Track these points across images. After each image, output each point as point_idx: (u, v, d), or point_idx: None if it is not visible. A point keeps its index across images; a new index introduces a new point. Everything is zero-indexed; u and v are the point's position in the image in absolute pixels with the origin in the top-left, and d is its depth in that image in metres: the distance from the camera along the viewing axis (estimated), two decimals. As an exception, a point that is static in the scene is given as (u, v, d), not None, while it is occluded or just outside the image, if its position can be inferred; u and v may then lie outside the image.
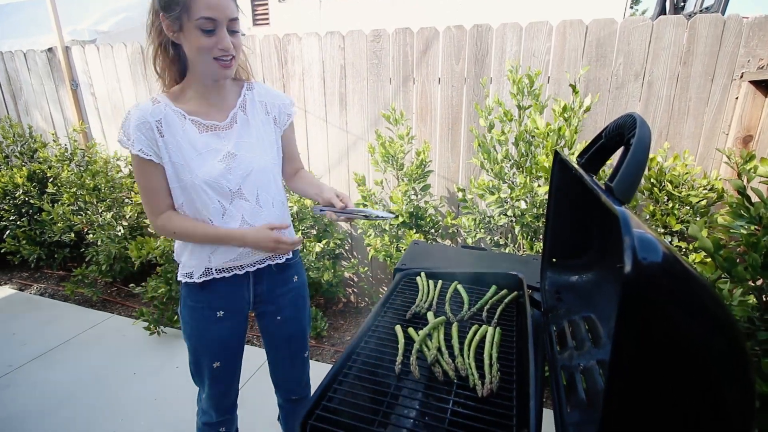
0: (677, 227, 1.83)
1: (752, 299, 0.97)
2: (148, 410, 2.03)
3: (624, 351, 0.38)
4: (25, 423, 1.94)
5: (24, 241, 3.30)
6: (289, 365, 1.42)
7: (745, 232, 1.00)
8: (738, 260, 0.95)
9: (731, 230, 1.04)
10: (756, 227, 1.00)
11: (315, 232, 2.76)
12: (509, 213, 2.04)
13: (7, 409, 2.02)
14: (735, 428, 0.41)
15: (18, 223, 3.33)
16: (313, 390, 1.51)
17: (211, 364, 1.25)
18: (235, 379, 1.34)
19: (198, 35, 0.98)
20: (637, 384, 0.40)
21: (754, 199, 1.03)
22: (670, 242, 1.90)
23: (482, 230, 2.22)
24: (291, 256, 1.30)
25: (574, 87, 1.86)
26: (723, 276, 0.98)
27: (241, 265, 1.20)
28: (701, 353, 0.39)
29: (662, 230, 1.90)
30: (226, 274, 1.19)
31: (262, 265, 1.23)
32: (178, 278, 1.21)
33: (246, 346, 1.39)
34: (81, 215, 3.08)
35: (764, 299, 0.97)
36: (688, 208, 1.85)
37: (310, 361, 1.50)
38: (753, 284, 0.95)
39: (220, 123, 1.12)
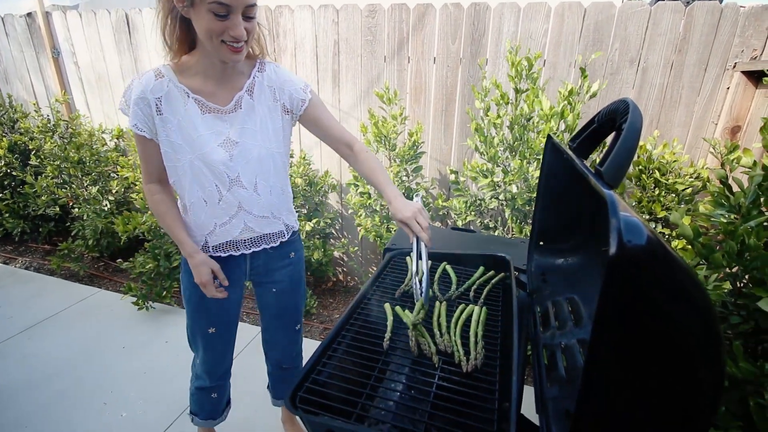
0: (662, 214, 1.87)
1: (727, 285, 1.01)
2: (138, 383, 2.04)
3: (604, 329, 0.40)
4: (15, 395, 1.95)
5: (7, 214, 3.23)
6: (282, 336, 1.45)
7: (724, 220, 1.03)
8: (717, 247, 0.98)
9: (711, 218, 1.07)
10: (735, 216, 1.03)
11: (305, 211, 2.75)
12: (501, 197, 2.06)
13: (-5, 381, 2.03)
14: (704, 404, 0.43)
15: (0, 195, 3.25)
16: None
17: (206, 329, 1.28)
18: (229, 346, 1.38)
19: (209, 18, 0.91)
20: (615, 360, 0.41)
21: (736, 188, 1.05)
22: (654, 228, 1.94)
23: (473, 213, 2.23)
24: (290, 235, 1.29)
25: (583, 70, 1.85)
26: (701, 262, 1.01)
27: (236, 247, 1.21)
28: (678, 333, 0.40)
29: (647, 217, 1.94)
30: (222, 254, 1.20)
31: (258, 248, 1.24)
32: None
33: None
34: (66, 189, 3.01)
35: (738, 285, 1.01)
36: (674, 195, 1.88)
37: (300, 337, 1.53)
38: (729, 271, 0.98)
39: (224, 107, 1.08)
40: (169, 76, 1.03)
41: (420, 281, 0.93)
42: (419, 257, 0.95)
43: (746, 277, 0.98)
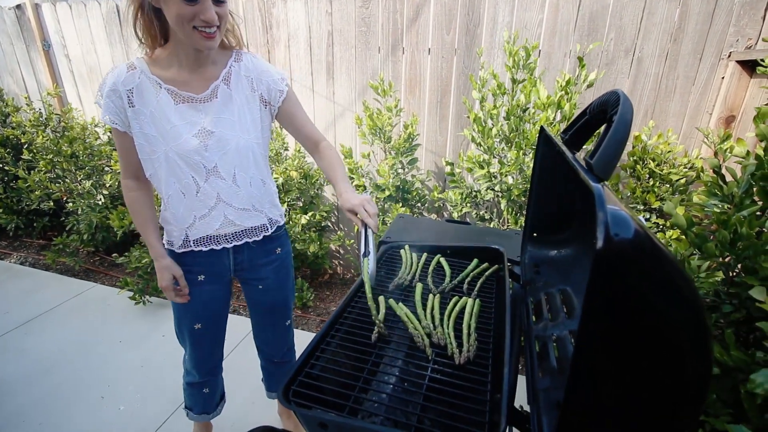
0: (656, 204, 1.87)
1: (720, 274, 1.01)
2: (135, 377, 2.05)
3: (592, 321, 0.40)
4: (12, 389, 1.95)
5: (0, 210, 3.20)
6: (271, 331, 1.46)
7: (718, 210, 1.04)
8: (711, 237, 0.99)
9: (705, 208, 1.07)
10: (728, 206, 1.03)
11: (301, 204, 2.74)
12: (496, 188, 2.06)
13: (-8, 376, 2.03)
14: (691, 393, 0.44)
15: (-7, 190, 3.23)
16: (297, 357, 1.55)
17: (192, 325, 1.28)
18: (217, 342, 1.37)
19: (179, 3, 0.90)
20: (602, 352, 0.42)
21: (729, 178, 1.06)
22: (649, 219, 1.95)
23: (468, 204, 2.23)
24: (274, 230, 1.28)
25: (581, 59, 1.83)
26: (694, 252, 1.02)
27: (217, 241, 1.20)
28: (666, 326, 0.41)
29: (642, 207, 1.94)
30: (203, 248, 1.19)
31: (239, 242, 1.22)
32: (163, 242, 1.22)
33: (231, 315, 1.41)
34: (59, 183, 2.99)
35: (731, 274, 1.01)
36: (668, 185, 1.89)
37: (296, 330, 1.54)
38: (721, 260, 0.99)
39: (198, 95, 1.06)
40: (142, 68, 1.03)
41: (367, 261, 0.99)
42: (366, 241, 1.01)
43: (738, 266, 0.98)
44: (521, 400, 0.73)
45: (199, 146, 1.06)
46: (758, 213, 0.94)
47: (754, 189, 0.97)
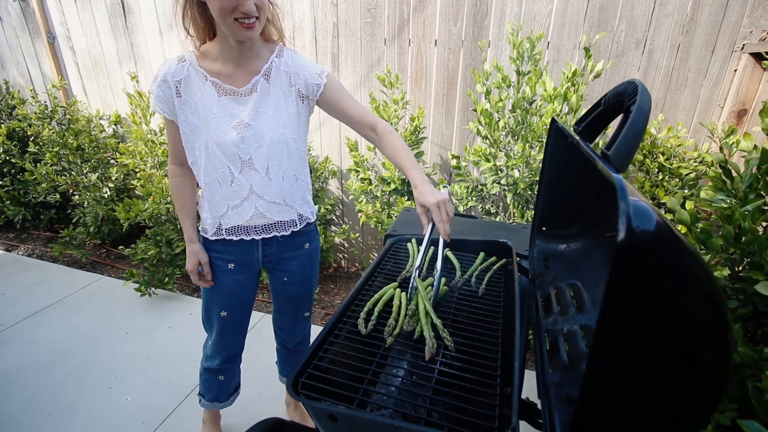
0: (665, 199, 1.85)
1: (726, 270, 1.00)
2: (143, 368, 2.07)
3: (611, 315, 0.39)
4: (21, 379, 1.97)
5: (8, 202, 3.22)
6: (289, 319, 1.50)
7: (725, 205, 1.02)
8: (719, 233, 0.97)
9: (713, 204, 1.06)
10: (734, 200, 1.01)
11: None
12: (503, 182, 2.04)
13: (2, 367, 2.05)
14: (710, 389, 0.43)
15: (0, 182, 3.24)
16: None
17: (219, 312, 1.33)
18: (240, 331, 1.41)
19: None
20: (621, 347, 0.41)
21: (735, 173, 1.04)
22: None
23: (474, 198, 2.22)
24: (303, 226, 1.30)
25: (587, 50, 1.81)
26: (700, 248, 1.00)
27: (247, 231, 1.24)
28: (687, 319, 0.40)
29: (650, 202, 1.92)
30: (234, 237, 1.23)
31: (268, 236, 1.26)
32: (199, 229, 1.30)
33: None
34: (65, 176, 3.00)
35: (736, 270, 1.00)
36: (678, 180, 1.86)
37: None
38: (727, 255, 0.98)
39: (239, 89, 1.11)
40: (191, 61, 1.09)
41: (420, 270, 0.93)
42: (427, 247, 0.94)
43: (744, 261, 0.97)
44: (528, 394, 0.72)
45: (236, 138, 1.10)
46: (764, 207, 0.93)
47: (760, 184, 0.95)
